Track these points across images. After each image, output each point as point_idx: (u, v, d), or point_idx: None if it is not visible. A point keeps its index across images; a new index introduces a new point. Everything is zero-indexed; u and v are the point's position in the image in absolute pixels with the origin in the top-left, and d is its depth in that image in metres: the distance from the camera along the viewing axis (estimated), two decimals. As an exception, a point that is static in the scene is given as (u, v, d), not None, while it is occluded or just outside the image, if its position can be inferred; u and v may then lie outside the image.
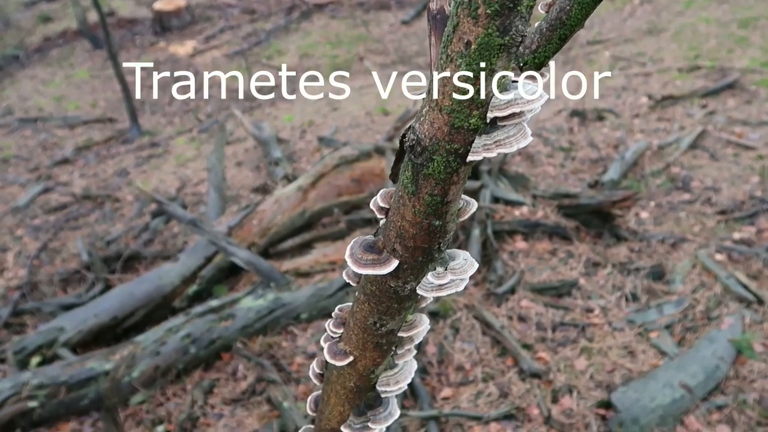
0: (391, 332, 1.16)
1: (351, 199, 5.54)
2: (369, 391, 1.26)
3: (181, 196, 7.40)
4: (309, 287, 4.72)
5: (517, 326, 4.27)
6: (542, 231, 4.98)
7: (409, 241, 0.97)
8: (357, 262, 1.01)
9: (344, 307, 1.26)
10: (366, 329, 1.15)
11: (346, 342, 1.20)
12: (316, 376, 1.35)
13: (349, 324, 1.19)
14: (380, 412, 1.26)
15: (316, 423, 1.37)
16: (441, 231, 0.96)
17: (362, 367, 1.21)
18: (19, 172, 8.95)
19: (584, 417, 3.53)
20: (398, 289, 1.05)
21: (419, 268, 1.01)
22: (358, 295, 1.14)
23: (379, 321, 1.13)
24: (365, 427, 1.25)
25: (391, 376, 1.24)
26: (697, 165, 5.97)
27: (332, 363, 1.21)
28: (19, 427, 3.85)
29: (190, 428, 3.82)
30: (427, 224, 0.94)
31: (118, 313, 4.83)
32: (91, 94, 12.22)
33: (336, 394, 1.28)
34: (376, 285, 1.07)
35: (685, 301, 4.25)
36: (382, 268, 0.99)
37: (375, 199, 1.03)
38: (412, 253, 0.98)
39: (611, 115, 7.31)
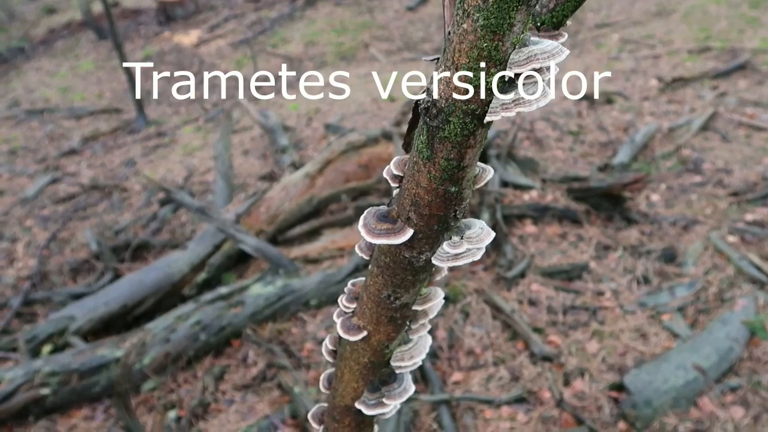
0: (406, 305, 1.14)
1: (359, 185, 5.51)
2: (383, 366, 1.24)
3: (189, 185, 7.39)
4: (318, 273, 4.71)
5: (527, 310, 4.25)
6: (552, 215, 4.93)
7: (424, 209, 0.94)
8: (371, 232, 0.98)
9: (357, 281, 1.24)
10: (380, 303, 1.13)
11: (360, 317, 1.18)
12: (329, 353, 1.33)
13: (362, 298, 1.17)
14: (395, 388, 1.24)
15: (329, 400, 1.35)
16: (457, 198, 0.93)
17: (376, 341, 1.19)
18: (27, 163, 8.97)
19: (596, 399, 3.51)
20: (413, 260, 1.03)
21: (434, 237, 0.98)
22: (372, 268, 1.11)
23: (394, 294, 1.10)
24: (380, 402, 1.23)
25: (406, 351, 1.21)
26: (709, 147, 5.90)
27: (346, 338, 1.18)
28: (33, 414, 3.87)
29: (201, 414, 3.83)
30: (443, 191, 0.91)
31: (128, 302, 4.84)
32: (97, 85, 12.21)
33: (350, 371, 1.26)
34: (390, 256, 1.05)
35: (697, 283, 4.20)
36: (396, 237, 0.97)
37: (388, 167, 1.00)
38: (427, 221, 0.96)
39: (620, 98, 7.22)
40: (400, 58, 11.28)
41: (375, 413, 1.25)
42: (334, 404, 1.32)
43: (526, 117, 6.76)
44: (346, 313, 1.22)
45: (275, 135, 7.46)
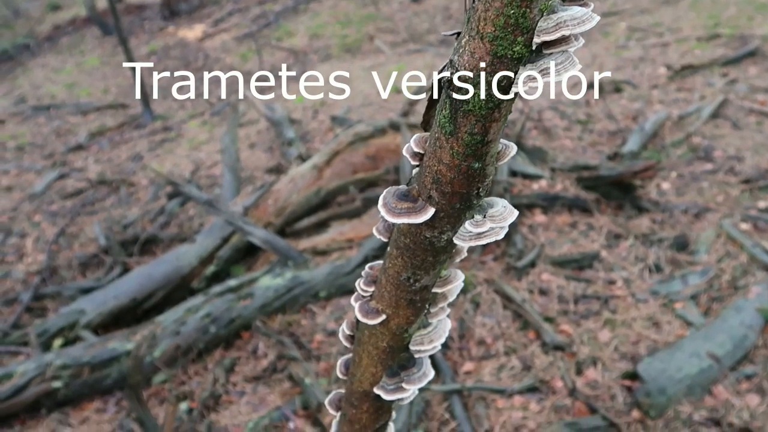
0: (425, 288, 1.12)
1: (366, 176, 5.48)
2: (402, 351, 1.22)
3: (196, 179, 7.39)
4: (327, 265, 4.70)
5: (538, 299, 4.22)
6: (561, 204, 4.90)
7: (446, 186, 0.92)
8: (391, 211, 0.96)
9: (375, 265, 1.22)
10: (399, 285, 1.11)
11: (378, 300, 1.16)
12: (346, 338, 1.31)
13: (380, 281, 1.15)
14: (414, 373, 1.22)
15: (347, 386, 1.33)
16: (480, 174, 0.91)
17: (395, 325, 1.17)
18: (35, 159, 8.99)
19: (610, 388, 3.48)
20: (434, 240, 1.00)
21: (456, 216, 0.96)
22: (391, 250, 1.09)
23: (413, 276, 1.08)
24: (399, 387, 1.22)
25: (425, 335, 1.19)
26: (719, 134, 5.84)
27: (364, 322, 1.16)
28: (45, 407, 3.89)
29: (213, 405, 3.83)
30: (466, 167, 0.89)
31: (137, 295, 4.85)
32: (103, 81, 12.22)
33: (368, 355, 1.24)
34: (410, 237, 1.02)
35: (710, 271, 4.16)
36: (417, 216, 0.94)
37: (408, 145, 0.98)
38: (449, 199, 0.93)
39: (629, 86, 7.16)
40: (406, 49, 11.22)
41: (394, 398, 1.23)
42: (352, 390, 1.30)
43: (533, 106, 6.71)
44: (364, 297, 1.20)
45: (281, 128, 7.44)
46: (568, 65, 0.77)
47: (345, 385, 1.35)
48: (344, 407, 1.36)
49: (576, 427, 3.15)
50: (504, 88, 0.80)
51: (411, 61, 10.03)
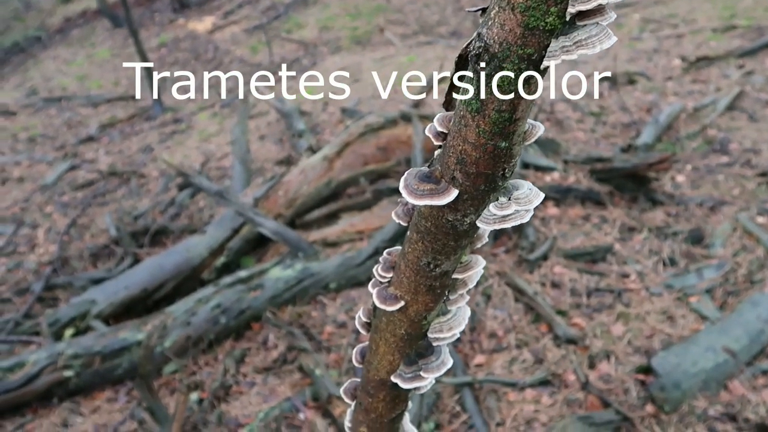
0: (446, 274, 1.09)
1: (377, 168, 5.45)
2: (420, 339, 1.20)
3: (206, 170, 7.39)
4: (337, 257, 4.67)
5: (550, 292, 4.18)
6: (574, 196, 4.85)
7: (471, 167, 0.88)
8: (413, 192, 0.93)
9: (393, 250, 1.19)
10: (419, 271, 1.08)
11: (397, 286, 1.13)
12: (362, 325, 1.28)
13: (399, 267, 1.12)
14: (432, 361, 1.19)
15: (363, 374, 1.31)
16: (507, 155, 0.87)
17: (414, 312, 1.14)
18: (46, 151, 9.03)
19: (623, 382, 3.44)
20: (456, 224, 0.97)
21: (480, 198, 0.93)
22: (410, 234, 1.06)
23: (434, 261, 1.05)
24: (417, 376, 1.19)
25: (444, 323, 1.16)
26: (735, 127, 5.75)
27: (382, 308, 1.14)
28: (56, 396, 3.90)
29: (223, 396, 3.83)
30: (492, 146, 0.85)
31: (147, 285, 4.85)
32: (113, 73, 12.25)
33: (385, 343, 1.21)
34: (432, 220, 0.99)
35: (726, 264, 4.11)
36: (440, 198, 0.91)
37: (431, 125, 0.95)
38: (473, 180, 0.90)
39: (643, 78, 7.07)
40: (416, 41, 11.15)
41: (412, 387, 1.20)
42: (369, 378, 1.28)
43: (545, 98, 6.64)
44: (382, 283, 1.17)
45: (291, 119, 7.42)
46: (603, 37, 0.73)
47: (361, 373, 1.32)
48: (360, 396, 1.34)
49: (589, 421, 3.11)
50: (535, 62, 0.76)
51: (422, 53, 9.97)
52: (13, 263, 5.97)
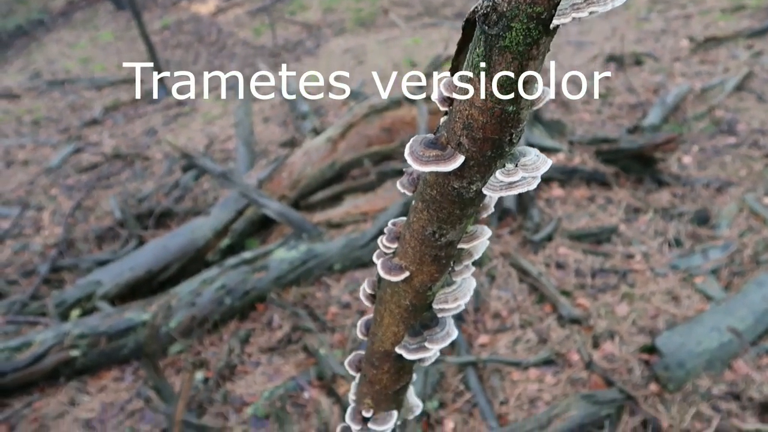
0: (451, 244, 1.08)
1: (381, 149, 5.43)
2: (425, 310, 1.19)
3: (210, 153, 7.38)
4: (341, 238, 4.67)
5: (554, 273, 4.17)
6: (580, 177, 4.82)
7: (478, 131, 0.87)
8: (418, 159, 0.92)
9: (398, 221, 1.18)
10: (424, 240, 1.07)
11: (402, 257, 1.12)
12: (367, 297, 1.28)
13: (404, 237, 1.11)
14: (437, 332, 1.18)
15: (367, 346, 1.31)
16: (514, 119, 0.86)
17: (419, 283, 1.13)
18: (50, 134, 9.02)
19: (627, 362, 3.45)
20: (462, 191, 0.96)
21: (487, 164, 0.92)
22: (416, 204, 1.05)
23: (439, 230, 1.04)
24: (421, 347, 1.19)
25: (449, 293, 1.16)
26: (743, 107, 5.69)
27: (387, 279, 1.13)
28: (63, 375, 3.94)
29: (228, 375, 3.85)
30: (500, 110, 0.84)
31: (152, 267, 4.87)
32: (117, 56, 12.19)
33: (390, 314, 1.20)
34: (437, 188, 0.98)
35: (731, 245, 4.09)
36: (446, 164, 0.90)
37: (438, 90, 0.93)
38: (480, 146, 0.89)
39: (650, 59, 6.99)
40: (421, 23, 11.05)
41: (416, 358, 1.20)
42: (373, 350, 1.28)
43: (551, 79, 6.58)
44: (386, 254, 1.16)
45: (295, 102, 7.38)
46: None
47: (366, 345, 1.32)
48: (364, 368, 1.34)
49: (592, 400, 3.12)
50: (544, 21, 0.75)
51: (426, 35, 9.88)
52: (19, 245, 6.00)
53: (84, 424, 3.60)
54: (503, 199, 4.71)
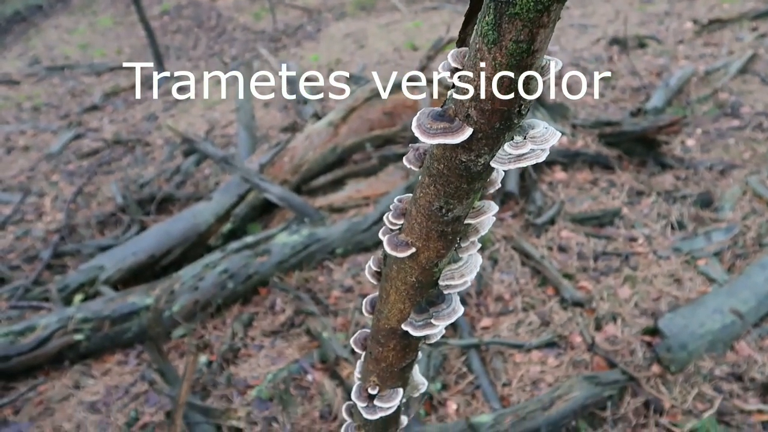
0: (458, 219, 1.07)
1: (383, 133, 5.41)
2: (431, 287, 1.19)
3: (211, 138, 7.36)
4: (343, 222, 4.67)
5: (557, 256, 4.17)
6: (582, 161, 4.80)
7: (487, 102, 0.86)
8: (425, 132, 0.91)
9: (404, 197, 1.17)
10: (430, 216, 1.06)
11: (408, 233, 1.12)
12: (372, 274, 1.27)
13: (410, 212, 1.10)
14: (443, 309, 1.18)
15: (373, 323, 1.30)
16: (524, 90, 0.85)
17: (425, 259, 1.13)
18: (50, 120, 8.99)
19: (629, 344, 3.45)
20: (470, 165, 0.95)
21: (495, 136, 0.91)
22: (422, 178, 1.04)
23: (446, 206, 1.03)
24: (428, 323, 1.18)
25: (456, 270, 1.15)
26: (747, 90, 5.65)
27: (393, 255, 1.12)
28: (68, 359, 3.95)
29: (231, 359, 3.87)
30: (509, 80, 0.83)
31: (155, 252, 4.87)
32: (116, 41, 12.11)
33: (396, 291, 1.20)
34: (445, 162, 0.97)
35: (735, 227, 4.08)
36: (454, 136, 0.89)
37: (445, 62, 0.92)
38: (488, 118, 0.88)
39: (653, 41, 6.94)
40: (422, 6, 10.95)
41: (423, 334, 1.20)
42: (379, 327, 1.28)
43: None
44: (392, 231, 1.15)
45: (296, 86, 7.34)
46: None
47: (371, 323, 1.32)
48: (370, 345, 1.34)
49: (595, 381, 3.13)
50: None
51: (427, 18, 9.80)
52: (21, 231, 6.00)
53: (89, 406, 3.62)
54: (506, 183, 4.70)
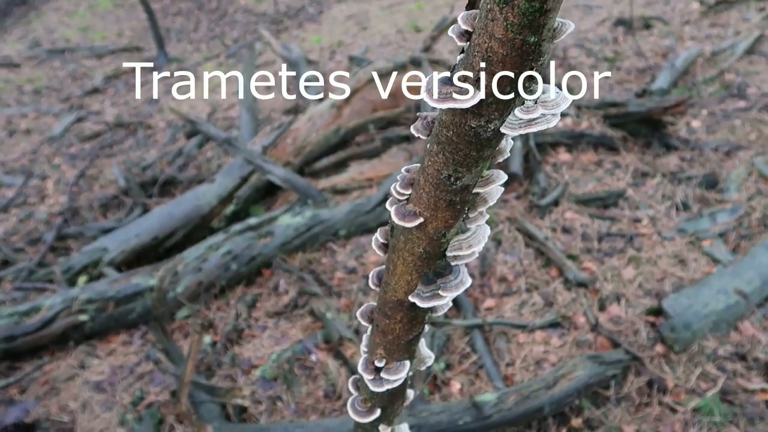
0: (467, 188, 1.06)
1: (386, 115, 5.37)
2: (439, 258, 1.18)
3: (213, 121, 7.33)
4: (347, 204, 4.66)
5: (561, 238, 4.16)
6: (587, 142, 4.77)
7: (497, 66, 0.84)
8: (435, 96, 0.89)
9: (411, 167, 1.16)
10: (439, 185, 1.05)
11: (416, 202, 1.10)
12: (379, 246, 1.26)
13: (418, 182, 1.09)
14: (451, 280, 1.17)
15: (380, 295, 1.30)
16: (535, 51, 0.83)
17: (433, 229, 1.12)
18: (52, 103, 8.96)
19: (633, 324, 3.46)
20: (479, 131, 0.94)
21: (506, 101, 0.89)
22: (431, 146, 1.03)
23: (455, 174, 1.02)
24: (435, 295, 1.18)
25: (464, 240, 1.14)
26: (754, 71, 5.60)
27: (400, 225, 1.11)
28: (73, 340, 3.97)
29: (236, 339, 3.88)
30: (521, 41, 0.81)
31: (158, 233, 4.88)
32: (116, 24, 12.03)
33: (403, 262, 1.19)
34: (454, 128, 0.96)
35: (740, 208, 4.06)
36: (465, 100, 0.87)
37: (455, 25, 0.90)
38: (499, 82, 0.86)
39: (659, 22, 6.86)
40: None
41: (430, 305, 1.19)
42: (386, 299, 1.27)
43: (558, 44, 6.47)
44: (400, 201, 1.14)
45: (298, 68, 7.29)
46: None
47: (378, 295, 1.31)
48: (377, 318, 1.33)
49: (598, 360, 3.14)
50: (569, -59, 0.71)
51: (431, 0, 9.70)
52: (24, 214, 6.01)
53: (94, 386, 3.64)
54: (510, 164, 4.67)
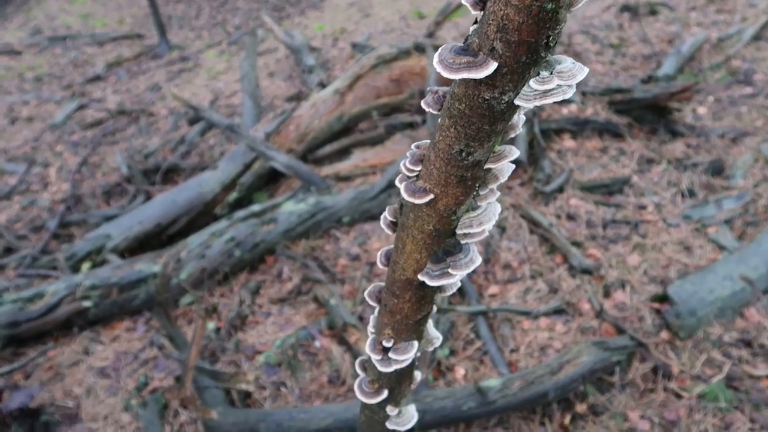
0: (478, 164, 1.04)
1: (390, 101, 5.33)
2: (449, 236, 1.16)
3: (215, 108, 7.29)
4: (350, 190, 4.64)
5: (566, 224, 4.14)
6: (592, 129, 4.74)
7: (513, 34, 0.82)
8: (448, 66, 0.87)
9: (421, 143, 1.14)
10: (450, 160, 1.03)
11: (426, 179, 1.09)
12: (388, 225, 1.25)
13: (429, 157, 1.07)
14: (460, 258, 1.16)
15: (388, 275, 1.28)
16: (552, 19, 0.81)
17: (443, 206, 1.10)
18: (53, 90, 8.92)
19: (638, 310, 3.44)
20: (493, 103, 0.92)
21: (521, 71, 0.87)
22: (442, 121, 1.01)
23: (466, 149, 1.00)
24: (445, 273, 1.16)
25: (474, 218, 1.12)
26: (761, 57, 5.55)
27: (410, 202, 1.10)
28: (77, 326, 3.97)
29: (239, 325, 3.88)
30: (537, 8, 0.79)
31: (161, 220, 4.87)
32: (117, 11, 11.96)
33: (413, 240, 1.18)
34: (467, 101, 0.94)
35: (746, 195, 4.03)
36: (478, 70, 0.85)
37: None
38: (515, 50, 0.84)
39: (665, 8, 6.79)
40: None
41: (439, 284, 1.18)
42: (394, 278, 1.26)
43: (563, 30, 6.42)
44: (409, 177, 1.12)
45: (301, 55, 7.24)
46: None
47: (387, 275, 1.30)
48: (385, 298, 1.32)
49: (603, 346, 3.13)
50: None
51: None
52: (27, 201, 6.00)
53: (98, 372, 3.64)
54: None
